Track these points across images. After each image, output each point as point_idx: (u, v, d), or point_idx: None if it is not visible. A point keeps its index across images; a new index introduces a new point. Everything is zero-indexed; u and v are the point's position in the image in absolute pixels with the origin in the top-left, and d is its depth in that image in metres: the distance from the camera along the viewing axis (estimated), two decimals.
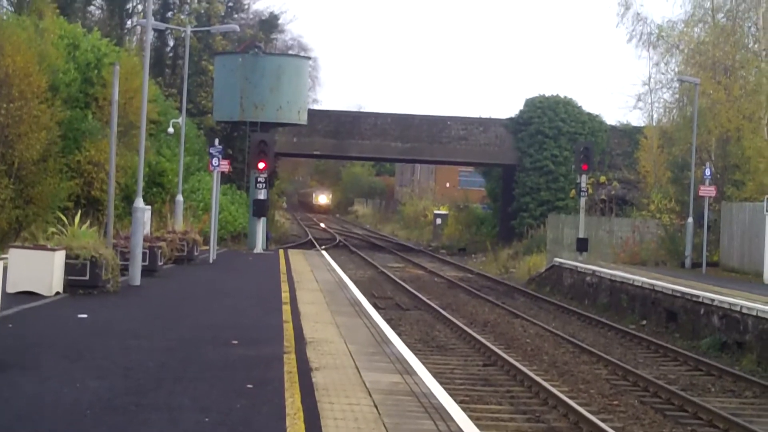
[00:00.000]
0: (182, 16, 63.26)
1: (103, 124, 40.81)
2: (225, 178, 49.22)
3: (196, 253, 35.12)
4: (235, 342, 16.29)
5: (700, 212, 42.33)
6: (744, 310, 25.54)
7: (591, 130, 62.04)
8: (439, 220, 79.14)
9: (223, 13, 65.33)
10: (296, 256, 41.19)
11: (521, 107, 63.33)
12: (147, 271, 26.53)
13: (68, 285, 21.97)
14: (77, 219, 24.31)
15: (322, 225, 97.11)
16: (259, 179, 42.96)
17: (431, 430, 11.22)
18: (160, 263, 28.79)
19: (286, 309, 21.36)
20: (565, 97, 63.47)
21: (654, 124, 56.41)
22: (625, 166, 59.92)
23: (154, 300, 22.71)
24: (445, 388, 13.92)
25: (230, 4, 68.26)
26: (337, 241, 72.09)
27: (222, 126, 58.52)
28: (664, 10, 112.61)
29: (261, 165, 42.10)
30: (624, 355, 25.69)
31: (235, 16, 67.89)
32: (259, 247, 44.18)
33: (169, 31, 61.23)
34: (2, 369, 12.98)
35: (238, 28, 51.14)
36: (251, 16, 71.91)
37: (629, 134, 60.81)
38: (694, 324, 28.45)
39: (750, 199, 42.22)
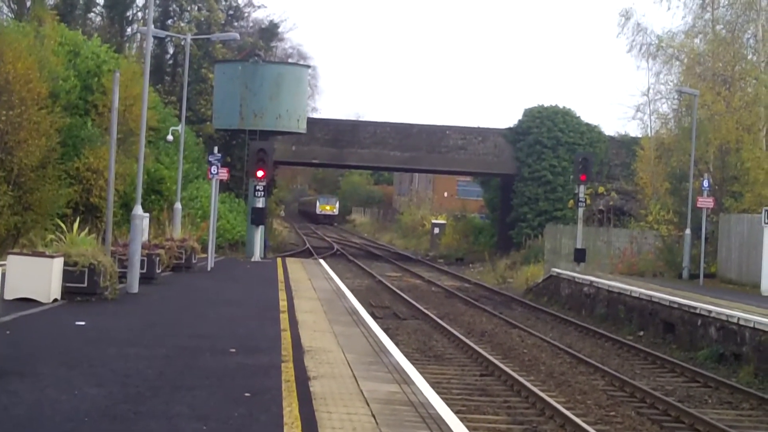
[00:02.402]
0: (182, 24, 63.32)
1: (102, 131, 40.90)
2: (223, 186, 49.23)
3: (194, 261, 35.10)
4: (233, 350, 16.30)
5: (698, 223, 42.31)
6: (741, 322, 25.54)
7: (589, 140, 62.08)
8: (437, 230, 79.14)
9: (223, 21, 65.42)
10: (294, 265, 41.19)
11: (520, 117, 63.46)
12: (145, 279, 26.56)
13: (66, 292, 21.98)
14: (76, 226, 24.30)
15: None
16: (257, 187, 42.97)
17: None
18: (158, 271, 28.80)
19: (284, 317, 21.36)
20: (564, 107, 63.56)
21: (653, 134, 56.46)
22: (624, 177, 59.99)
23: (152, 308, 22.71)
24: (442, 398, 13.93)
25: (230, 12, 68.38)
26: (335, 249, 72.08)
27: (221, 134, 58.56)
28: (664, 20, 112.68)
29: (260, 173, 42.10)
30: (621, 365, 25.70)
31: (235, 24, 68.01)
32: (257, 255, 44.18)
33: (169, 38, 61.32)
34: (0, 376, 12.98)
35: (238, 36, 51.22)
36: (251, 25, 72.06)
37: (628, 145, 60.81)
38: (691, 335, 28.46)
39: (748, 210, 42.25)
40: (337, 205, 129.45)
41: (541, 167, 61.46)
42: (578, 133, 62.25)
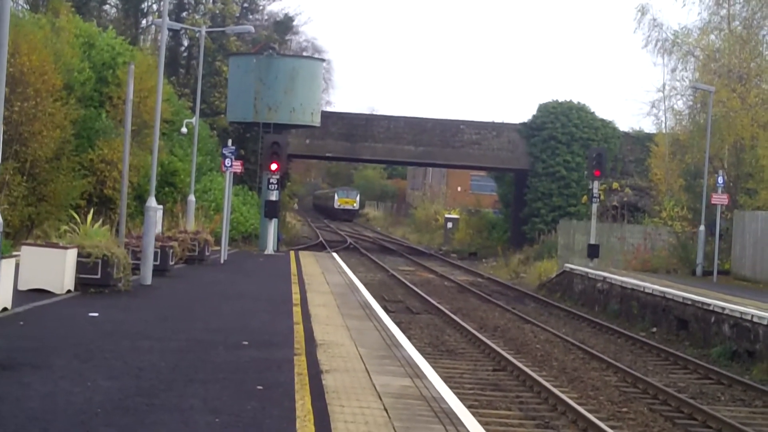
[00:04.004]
0: (197, 17, 63.39)
1: (116, 123, 40.91)
2: (237, 179, 49.28)
3: (207, 254, 35.16)
4: (246, 344, 16.30)
5: (712, 220, 42.22)
6: (755, 319, 25.47)
7: (604, 136, 61.92)
8: (450, 224, 79.08)
9: (237, 14, 65.40)
10: (307, 258, 41.21)
11: (534, 112, 63.25)
12: (158, 271, 26.59)
13: (80, 283, 22.02)
14: (89, 217, 24.34)
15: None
16: (271, 180, 43.01)
17: None
18: (171, 263, 28.85)
19: (297, 311, 21.37)
20: (579, 102, 63.42)
21: (668, 131, 56.33)
22: (638, 173, 59.87)
23: (165, 300, 22.74)
24: (454, 393, 13.92)
25: (245, 5, 68.34)
26: (348, 243, 72.10)
27: (235, 127, 58.57)
28: (680, 16, 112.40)
29: (273, 166, 42.16)
30: (634, 362, 25.65)
31: (250, 17, 67.94)
32: (270, 248, 44.21)
33: (183, 31, 61.34)
34: (13, 368, 13.00)
35: (252, 29, 51.13)
36: (266, 18, 72.02)
37: (642, 141, 60.70)
38: (704, 332, 28.40)
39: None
40: (358, 198, 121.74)
41: (555, 163, 61.35)
42: (593, 128, 62.10)
